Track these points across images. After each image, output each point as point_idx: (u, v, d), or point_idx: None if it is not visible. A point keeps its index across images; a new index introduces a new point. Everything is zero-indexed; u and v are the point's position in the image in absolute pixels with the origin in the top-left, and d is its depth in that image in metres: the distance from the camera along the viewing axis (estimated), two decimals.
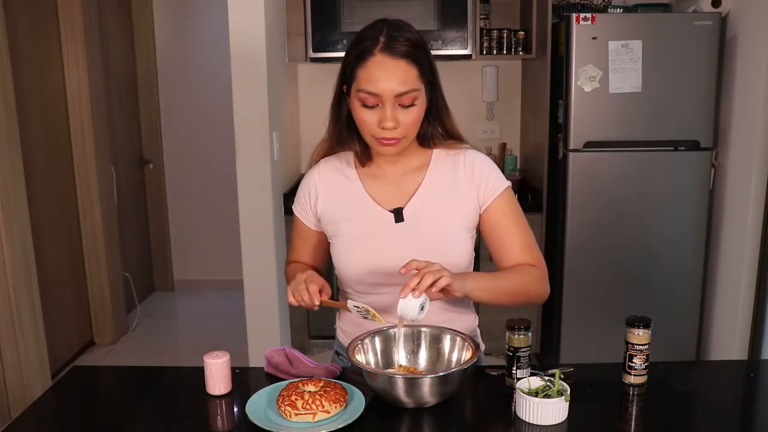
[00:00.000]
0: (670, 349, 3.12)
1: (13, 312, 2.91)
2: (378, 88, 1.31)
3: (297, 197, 1.55)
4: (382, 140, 1.36)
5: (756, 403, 1.42)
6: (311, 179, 1.52)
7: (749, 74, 2.86)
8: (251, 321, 2.99)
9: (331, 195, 1.49)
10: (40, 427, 1.33)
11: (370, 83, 1.31)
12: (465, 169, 1.45)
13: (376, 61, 1.31)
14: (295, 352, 1.44)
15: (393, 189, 1.46)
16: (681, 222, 3.04)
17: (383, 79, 1.31)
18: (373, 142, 1.38)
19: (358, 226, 1.45)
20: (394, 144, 1.36)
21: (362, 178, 1.48)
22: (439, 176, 1.46)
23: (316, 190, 1.50)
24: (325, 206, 1.49)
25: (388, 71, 1.31)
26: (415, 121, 1.36)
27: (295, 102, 3.66)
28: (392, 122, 1.33)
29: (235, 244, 3.09)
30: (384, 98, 1.32)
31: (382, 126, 1.33)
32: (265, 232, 2.91)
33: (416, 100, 1.34)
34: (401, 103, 1.33)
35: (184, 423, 1.31)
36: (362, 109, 1.35)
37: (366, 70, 1.32)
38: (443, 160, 1.47)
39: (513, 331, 1.34)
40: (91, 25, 3.66)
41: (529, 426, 1.21)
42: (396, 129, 1.34)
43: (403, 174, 1.47)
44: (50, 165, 3.49)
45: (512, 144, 3.75)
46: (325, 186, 1.50)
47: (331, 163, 1.52)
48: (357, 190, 1.47)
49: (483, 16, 3.41)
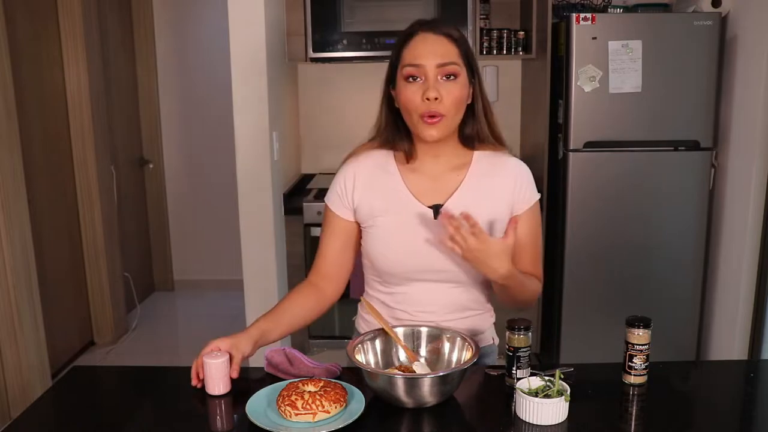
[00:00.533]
0: (670, 349, 3.12)
1: (13, 312, 2.91)
2: (421, 60, 1.37)
3: (332, 189, 1.54)
4: (426, 118, 1.38)
5: (756, 403, 1.42)
6: (349, 170, 1.52)
7: (749, 74, 2.86)
8: (251, 321, 2.97)
9: (369, 186, 1.49)
10: (40, 427, 1.33)
11: (413, 57, 1.38)
12: (506, 175, 1.49)
13: (420, 37, 1.40)
14: (295, 352, 1.44)
15: (433, 185, 1.47)
16: (681, 222, 3.04)
17: (426, 51, 1.38)
18: (418, 124, 1.40)
19: (395, 219, 1.45)
20: (437, 122, 1.38)
21: (402, 172, 1.49)
22: (479, 177, 1.48)
23: (353, 180, 1.50)
24: (363, 196, 1.49)
25: (430, 44, 1.39)
26: (457, 99, 1.39)
27: (295, 102, 3.66)
28: (434, 92, 1.36)
29: (235, 244, 3.09)
30: (427, 69, 1.37)
31: (426, 97, 1.36)
32: (265, 232, 2.91)
33: (458, 76, 1.39)
34: (443, 73, 1.37)
35: (184, 423, 1.31)
36: (407, 85, 1.39)
37: (410, 48, 1.40)
38: (484, 162, 1.49)
39: (513, 331, 1.34)
40: (91, 25, 3.66)
41: (529, 426, 1.21)
42: (439, 102, 1.37)
43: (443, 171, 1.48)
44: (50, 165, 3.49)
45: (512, 144, 3.75)
46: (364, 177, 1.50)
47: (371, 157, 1.52)
48: (396, 183, 1.48)
49: (483, 16, 3.41)
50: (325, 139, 3.73)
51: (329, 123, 3.72)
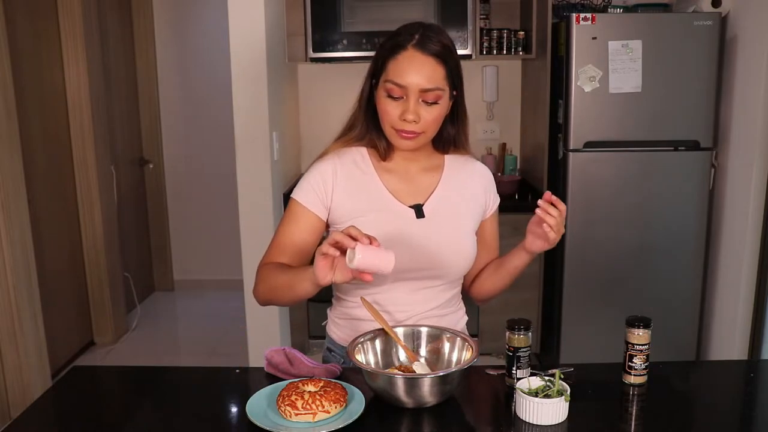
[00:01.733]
0: (670, 349, 3.12)
1: (13, 312, 2.91)
2: (405, 81, 1.36)
3: (305, 185, 1.48)
4: (401, 132, 1.40)
5: (756, 403, 1.42)
6: (327, 168, 1.47)
7: (749, 74, 2.86)
8: (251, 321, 2.99)
9: (348, 187, 1.47)
10: (40, 427, 1.33)
11: (398, 75, 1.36)
12: (480, 177, 1.56)
13: (408, 54, 1.37)
14: (295, 352, 1.44)
15: (410, 186, 1.49)
16: (681, 222, 3.04)
17: (412, 72, 1.36)
18: (393, 134, 1.41)
19: (377, 220, 1.44)
20: (412, 138, 1.40)
21: (379, 172, 1.49)
22: (454, 178, 1.52)
23: (333, 180, 1.46)
24: (342, 197, 1.46)
25: (417, 66, 1.36)
26: (435, 120, 1.41)
27: (295, 102, 3.66)
28: (414, 115, 1.37)
29: (235, 244, 3.09)
30: (409, 91, 1.36)
31: (403, 118, 1.37)
32: (265, 232, 2.91)
33: (440, 100, 1.39)
34: (425, 99, 1.37)
35: (184, 423, 1.31)
36: (387, 99, 1.39)
37: (396, 63, 1.37)
38: (456, 164, 1.54)
39: (513, 331, 1.34)
40: (91, 25, 3.67)
41: (529, 426, 1.21)
42: (416, 123, 1.38)
43: (417, 172, 1.50)
44: (50, 165, 3.49)
45: (512, 144, 3.75)
46: (343, 177, 1.47)
47: (347, 156, 1.50)
48: (375, 184, 1.47)
49: (483, 16, 3.42)
50: (325, 139, 3.71)
51: (329, 123, 3.70)
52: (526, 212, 1.95)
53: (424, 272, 1.46)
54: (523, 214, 3.16)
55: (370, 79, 1.45)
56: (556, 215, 1.40)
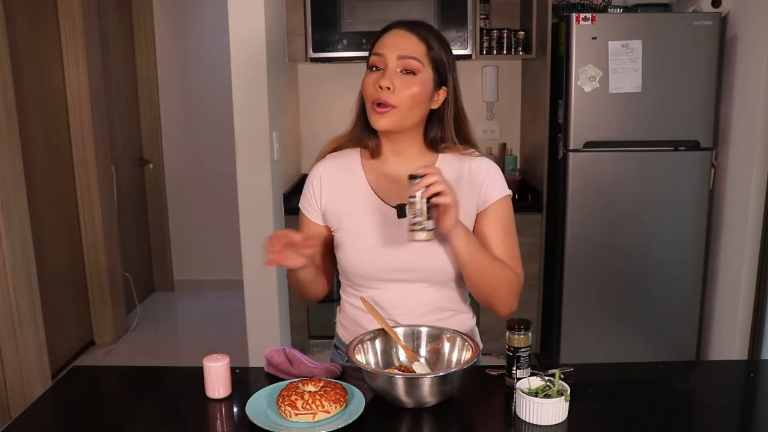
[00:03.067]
0: (670, 349, 3.12)
1: (13, 312, 2.91)
2: (383, 49, 1.40)
3: (303, 193, 1.56)
4: (375, 106, 1.39)
5: (756, 403, 1.42)
6: (316, 173, 1.53)
7: (749, 74, 2.86)
8: (251, 321, 2.99)
9: (335, 189, 1.50)
10: (40, 427, 1.33)
11: (379, 46, 1.41)
12: (470, 172, 1.47)
13: (391, 31, 1.43)
14: (295, 352, 1.44)
15: (397, 186, 1.47)
16: (681, 222, 3.04)
17: (391, 42, 1.41)
18: (370, 112, 1.41)
19: (361, 220, 1.46)
20: (385, 113, 1.39)
21: (367, 173, 1.50)
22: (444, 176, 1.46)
23: (320, 184, 1.51)
24: (330, 199, 1.50)
25: (398, 37, 1.41)
26: (413, 96, 1.39)
27: (295, 102, 3.66)
28: (387, 81, 1.37)
29: (235, 244, 3.09)
30: (387, 59, 1.39)
31: (378, 85, 1.38)
32: (265, 232, 2.90)
33: (418, 72, 1.39)
34: (403, 67, 1.38)
35: (183, 423, 1.31)
36: (368, 74, 1.42)
37: (381, 39, 1.43)
38: (449, 162, 1.49)
39: (513, 331, 1.34)
40: (91, 25, 3.67)
41: (529, 426, 1.21)
42: (391, 92, 1.37)
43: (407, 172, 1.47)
44: (50, 165, 3.49)
45: (512, 144, 3.75)
46: (330, 179, 1.51)
47: (337, 159, 1.54)
48: (361, 185, 1.49)
49: (483, 16, 3.41)
50: (325, 139, 3.71)
51: (329, 123, 3.71)
52: (526, 212, 1.97)
53: (410, 273, 1.44)
54: (523, 214, 3.20)
55: None
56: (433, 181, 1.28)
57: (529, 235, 3.21)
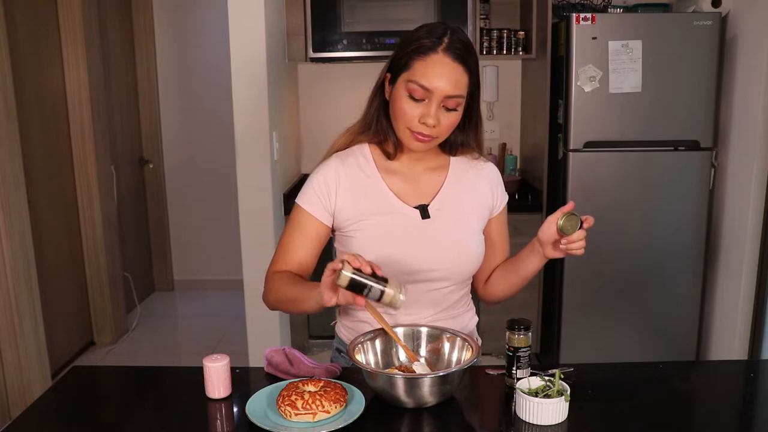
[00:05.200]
0: (670, 349, 3.12)
1: (13, 312, 2.91)
2: (432, 84, 1.33)
3: (307, 190, 1.48)
4: (417, 135, 1.38)
5: (756, 403, 1.42)
6: (330, 172, 1.47)
7: (749, 74, 2.86)
8: (251, 321, 2.99)
9: (352, 190, 1.46)
10: (40, 427, 1.33)
11: (425, 78, 1.33)
12: (486, 177, 1.54)
13: (438, 58, 1.34)
14: (295, 352, 1.44)
15: (414, 186, 1.48)
16: (681, 222, 3.04)
17: (440, 77, 1.33)
18: (407, 135, 1.39)
19: (383, 222, 1.44)
20: (427, 141, 1.39)
21: (381, 174, 1.48)
22: (460, 178, 1.51)
23: (336, 183, 1.46)
24: (346, 201, 1.45)
25: (447, 71, 1.34)
26: (452, 126, 1.40)
27: (295, 102, 3.66)
28: (434, 120, 1.35)
29: (235, 244, 3.09)
30: (434, 95, 1.34)
31: (423, 121, 1.36)
32: (265, 232, 2.91)
33: (459, 107, 1.38)
34: (446, 105, 1.36)
35: (184, 423, 1.31)
36: (408, 100, 1.36)
37: (424, 64, 1.34)
38: (462, 164, 1.53)
39: (513, 331, 1.34)
40: (91, 25, 3.67)
41: (529, 426, 1.21)
42: (434, 128, 1.37)
43: (422, 173, 1.49)
44: (50, 165, 3.49)
45: (512, 144, 3.75)
46: (346, 180, 1.46)
47: (349, 159, 1.49)
48: (378, 186, 1.46)
49: (483, 16, 3.42)
50: (325, 139, 3.70)
51: (329, 123, 3.72)
52: (526, 212, 1.96)
53: (430, 273, 1.44)
54: (523, 214, 3.20)
55: (387, 74, 1.42)
56: (579, 246, 1.43)
57: (529, 235, 3.16)
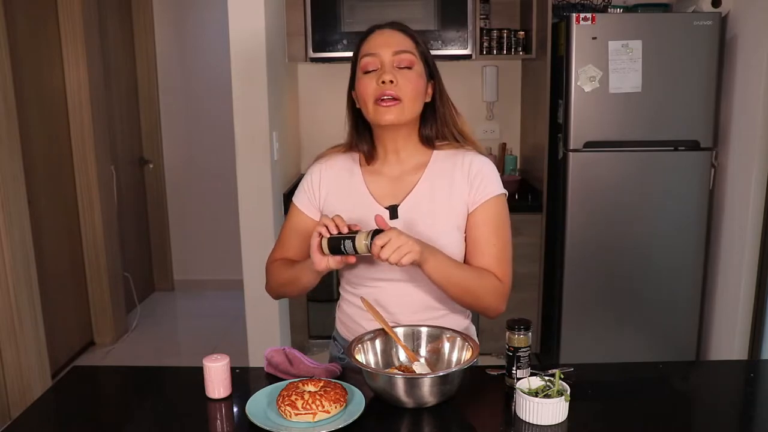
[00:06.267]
0: (670, 349, 3.12)
1: (13, 312, 2.91)
2: (377, 49, 1.43)
3: (299, 189, 1.58)
4: (380, 102, 1.41)
5: (756, 403, 1.42)
6: (315, 170, 1.57)
7: (749, 74, 2.86)
8: (251, 321, 2.99)
9: (334, 188, 1.53)
10: (40, 427, 1.33)
11: (369, 47, 1.44)
12: (462, 170, 1.48)
13: (376, 33, 1.47)
14: (295, 352, 1.44)
15: (392, 186, 1.50)
16: (681, 222, 3.04)
17: (382, 41, 1.44)
18: (375, 110, 1.42)
19: (358, 221, 1.45)
20: (393, 105, 1.41)
21: (365, 174, 1.52)
22: (436, 176, 1.49)
23: (319, 181, 1.54)
24: (328, 198, 1.53)
25: (386, 36, 1.45)
26: (413, 88, 1.42)
27: (295, 102, 3.66)
28: (390, 75, 1.40)
29: (235, 244, 3.09)
30: (383, 56, 1.42)
31: (381, 80, 1.40)
32: (265, 232, 2.91)
33: (413, 65, 1.43)
34: (399, 63, 1.42)
35: (184, 423, 1.31)
36: (364, 76, 1.44)
37: (366, 42, 1.46)
38: (442, 160, 1.50)
39: (513, 331, 1.34)
40: (91, 26, 3.67)
41: (529, 426, 1.21)
42: (395, 85, 1.40)
43: (403, 172, 1.51)
44: (50, 165, 3.49)
45: (512, 144, 3.75)
46: (330, 178, 1.54)
47: (337, 159, 1.56)
48: (358, 185, 1.51)
49: (483, 16, 3.41)
50: (325, 139, 3.72)
51: (329, 123, 3.71)
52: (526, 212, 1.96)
53: (398, 273, 1.44)
54: (523, 214, 3.19)
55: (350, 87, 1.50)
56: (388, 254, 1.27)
57: (529, 235, 3.22)
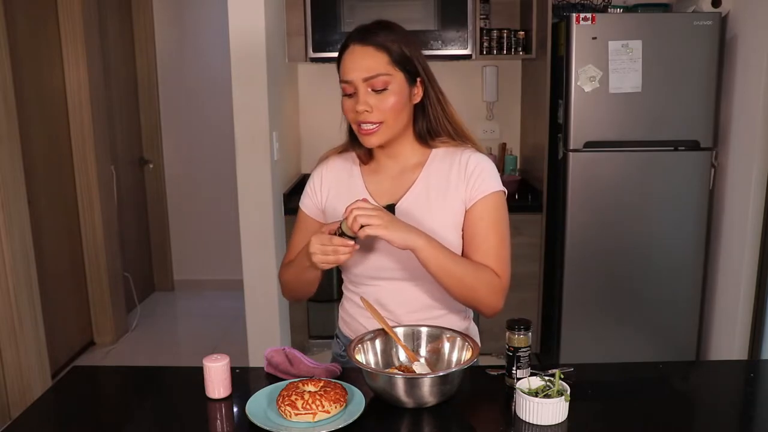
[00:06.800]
0: (670, 349, 3.12)
1: (13, 312, 2.91)
2: (349, 76, 1.40)
3: (304, 193, 1.59)
4: (361, 129, 1.42)
5: (756, 403, 1.42)
6: (318, 173, 1.58)
7: (749, 74, 2.86)
8: (251, 321, 2.99)
9: (336, 189, 1.54)
10: (40, 427, 1.33)
11: (344, 72, 1.41)
12: (459, 167, 1.47)
13: (349, 50, 1.41)
14: (295, 352, 1.44)
15: (390, 185, 1.50)
16: (681, 222, 3.04)
17: (351, 65, 1.40)
18: (359, 134, 1.44)
19: None
20: (373, 132, 1.41)
21: (364, 174, 1.53)
22: (434, 174, 1.48)
23: (321, 183, 1.55)
24: (330, 200, 1.54)
25: (357, 57, 1.40)
26: (393, 107, 1.40)
27: (295, 102, 3.66)
28: (364, 105, 1.39)
29: (235, 244, 3.09)
30: (356, 84, 1.39)
31: (356, 110, 1.40)
32: (265, 232, 2.91)
33: (389, 85, 1.39)
34: (373, 87, 1.39)
35: (184, 423, 1.31)
36: (344, 99, 1.43)
37: (342, 62, 1.42)
38: (441, 158, 1.50)
39: (513, 331, 1.34)
40: (91, 25, 3.66)
41: (529, 426, 1.21)
42: (370, 113, 1.39)
43: (401, 171, 1.51)
44: (50, 165, 3.49)
45: (512, 144, 3.75)
46: (332, 180, 1.55)
47: (338, 160, 1.57)
48: (358, 185, 1.52)
49: (483, 16, 3.41)
50: (325, 139, 3.72)
51: (329, 123, 3.71)
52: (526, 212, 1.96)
53: (394, 272, 1.46)
54: (523, 214, 3.19)
55: None
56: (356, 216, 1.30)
57: (529, 235, 3.22)
